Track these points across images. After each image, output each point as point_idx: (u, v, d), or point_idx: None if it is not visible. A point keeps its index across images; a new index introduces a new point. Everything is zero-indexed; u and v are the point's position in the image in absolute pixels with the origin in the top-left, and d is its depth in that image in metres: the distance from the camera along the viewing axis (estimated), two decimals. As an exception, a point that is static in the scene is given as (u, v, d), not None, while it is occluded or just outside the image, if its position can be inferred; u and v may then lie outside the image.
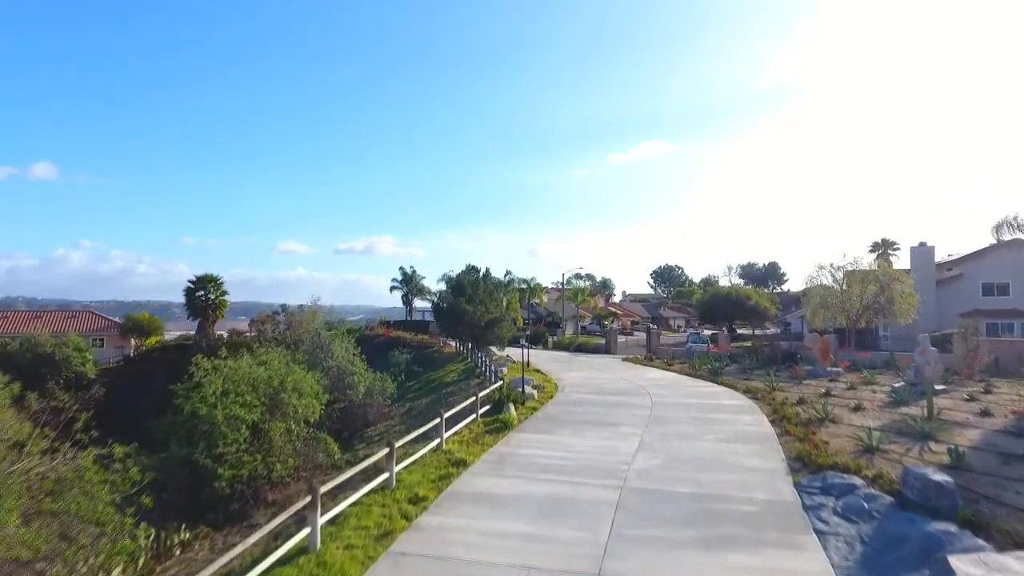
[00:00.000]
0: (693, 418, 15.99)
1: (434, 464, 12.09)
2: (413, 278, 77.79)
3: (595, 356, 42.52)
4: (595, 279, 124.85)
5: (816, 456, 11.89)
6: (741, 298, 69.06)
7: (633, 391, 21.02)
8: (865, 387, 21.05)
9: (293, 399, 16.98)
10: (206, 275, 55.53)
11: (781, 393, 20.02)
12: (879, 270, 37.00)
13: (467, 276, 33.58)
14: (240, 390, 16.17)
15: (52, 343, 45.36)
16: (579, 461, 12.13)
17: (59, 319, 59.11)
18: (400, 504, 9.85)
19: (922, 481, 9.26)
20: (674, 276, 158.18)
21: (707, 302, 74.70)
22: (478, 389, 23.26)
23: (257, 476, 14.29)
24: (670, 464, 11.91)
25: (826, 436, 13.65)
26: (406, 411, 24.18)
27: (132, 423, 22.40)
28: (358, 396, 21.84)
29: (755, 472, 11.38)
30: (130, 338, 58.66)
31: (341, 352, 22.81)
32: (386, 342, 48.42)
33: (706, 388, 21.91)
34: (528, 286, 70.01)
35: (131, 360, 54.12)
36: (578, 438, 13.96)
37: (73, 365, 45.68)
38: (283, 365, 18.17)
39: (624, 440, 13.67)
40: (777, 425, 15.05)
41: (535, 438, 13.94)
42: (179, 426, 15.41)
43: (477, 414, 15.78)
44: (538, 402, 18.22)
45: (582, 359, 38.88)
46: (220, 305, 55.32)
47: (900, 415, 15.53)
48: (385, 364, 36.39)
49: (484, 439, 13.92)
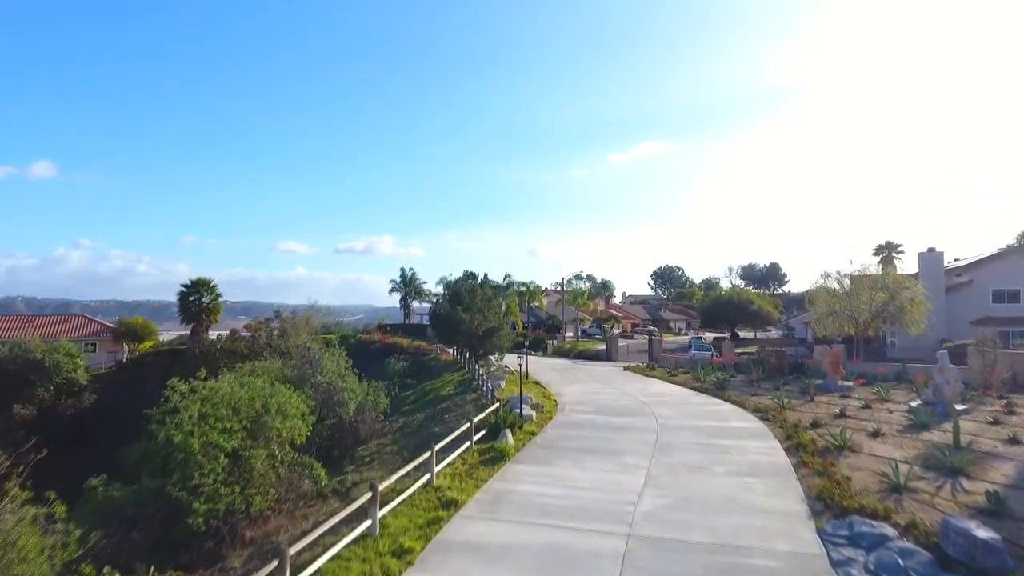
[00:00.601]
0: (702, 445, 14.99)
1: (423, 504, 11.11)
2: (412, 281, 76.86)
3: (596, 364, 41.53)
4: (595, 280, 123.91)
5: (839, 495, 10.91)
6: (744, 302, 68.17)
7: (637, 410, 20.02)
8: (880, 405, 20.06)
9: (277, 422, 16.02)
10: (200, 279, 54.62)
11: (793, 413, 19.04)
12: (888, 277, 35.99)
13: (464, 283, 32.61)
14: (220, 414, 15.18)
15: (43, 349, 44.55)
16: (580, 500, 11.15)
17: (52, 324, 58.19)
18: (383, 558, 8.88)
19: (965, 537, 8.28)
20: (674, 277, 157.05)
21: (709, 306, 73.79)
22: (474, 406, 22.32)
23: (235, 510, 13.31)
24: (680, 504, 10.93)
25: (847, 469, 12.68)
26: (400, 427, 23.19)
27: (124, 430, 21.43)
28: (348, 414, 20.84)
29: (774, 515, 10.40)
30: (123, 343, 57.78)
31: (331, 367, 21.80)
32: (382, 349, 47.46)
33: (713, 406, 20.91)
34: (528, 289, 68.98)
35: (124, 365, 53.24)
36: (579, 470, 12.97)
37: (64, 371, 44.88)
38: (267, 385, 17.20)
39: (629, 473, 12.68)
40: (792, 454, 14.06)
41: (533, 471, 12.95)
42: (153, 454, 14.41)
43: (472, 441, 14.79)
44: (537, 425, 17.22)
45: (583, 368, 37.88)
46: (214, 310, 54.39)
47: (923, 443, 14.55)
48: (381, 372, 35.44)
49: (478, 471, 12.94)
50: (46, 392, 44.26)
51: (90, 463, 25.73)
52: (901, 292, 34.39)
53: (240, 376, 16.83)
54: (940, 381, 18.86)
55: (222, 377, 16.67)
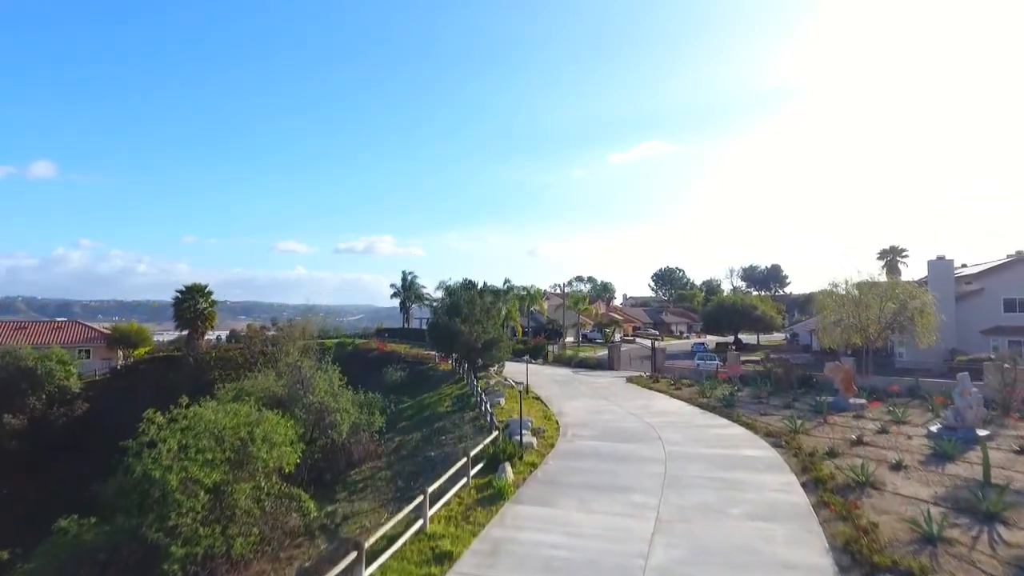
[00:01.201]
0: (714, 480, 14.08)
1: (415, 557, 10.22)
2: (412, 285, 76.07)
3: (598, 374, 40.61)
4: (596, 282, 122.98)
5: (867, 547, 10.01)
6: (747, 307, 67.32)
7: (643, 434, 19.09)
8: (896, 427, 19.20)
9: (263, 452, 15.14)
10: (195, 284, 53.85)
11: (807, 438, 18.15)
12: (899, 287, 35.04)
13: (463, 294, 31.69)
14: (202, 445, 14.32)
15: (34, 356, 43.74)
16: (587, 551, 10.25)
17: (44, 330, 57.40)
18: (368, 631, 8.00)
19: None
20: (675, 278, 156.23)
21: (713, 312, 72.93)
22: (472, 427, 21.45)
23: (215, 554, 12.43)
24: (695, 558, 10.03)
25: (871, 511, 11.79)
26: (395, 448, 22.31)
27: (119, 438, 20.39)
28: (341, 436, 19.96)
29: (798, 572, 9.51)
30: (117, 349, 56.93)
31: (323, 386, 20.92)
32: (380, 357, 46.70)
33: (722, 429, 20.00)
34: (528, 293, 68.13)
35: (118, 372, 52.44)
36: (584, 512, 12.07)
37: (56, 379, 44.09)
38: (253, 410, 16.32)
39: (638, 516, 11.78)
40: (811, 491, 13.16)
41: (534, 514, 12.04)
42: (130, 490, 13.52)
43: (468, 477, 13.89)
44: (538, 454, 16.30)
45: (584, 379, 36.96)
46: (209, 316, 53.61)
47: (950, 478, 13.67)
48: (379, 381, 34.60)
49: (475, 514, 12.04)
50: (38, 401, 43.46)
51: (84, 471, 24.85)
52: (911, 302, 33.48)
53: (224, 402, 15.92)
54: (961, 405, 17.96)
55: (204, 404, 15.78)
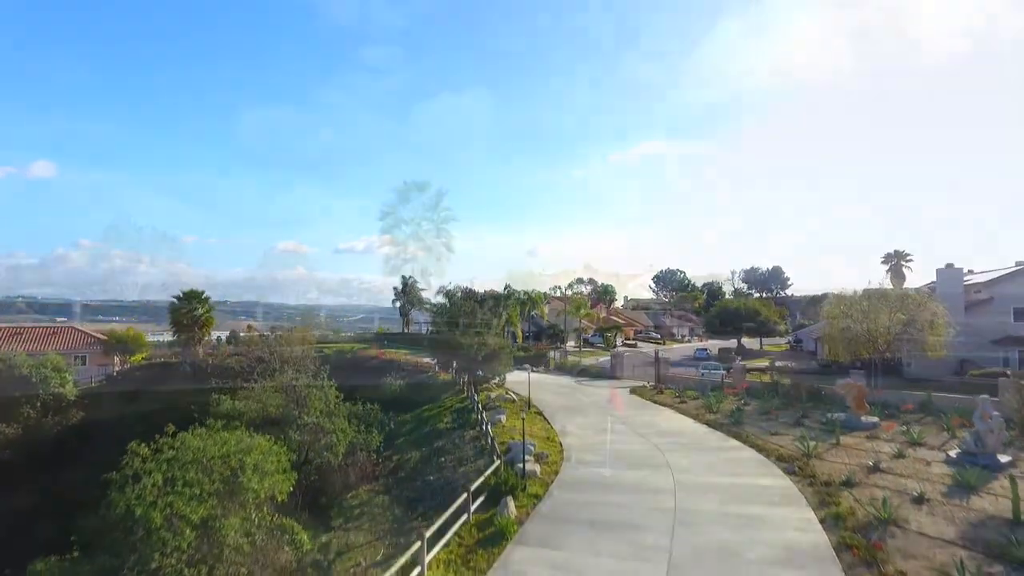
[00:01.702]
0: (728, 516, 13.37)
1: (411, 612, 9.55)
2: (412, 290, 75.48)
3: (600, 384, 39.90)
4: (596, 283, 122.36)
5: (896, 602, 9.35)
6: (751, 312, 66.72)
7: (649, 459, 18.36)
8: (912, 450, 18.53)
9: (254, 482, 14.48)
10: (192, 290, 53.25)
11: (821, 463, 17.46)
12: (908, 298, 34.35)
13: (464, 304, 31.03)
14: (189, 477, 13.66)
15: (28, 363, 43.13)
16: (595, 605, 9.57)
17: (40, 336, 56.71)
18: None
19: None
20: (676, 280, 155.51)
21: (716, 316, 72.41)
22: (472, 448, 20.77)
23: (200, 598, 11.77)
24: (711, 613, 9.34)
25: (896, 554, 11.11)
26: (393, 468, 21.65)
27: (115, 448, 19.75)
28: (337, 458, 19.29)
29: (823, 633, 8.82)
30: (113, 355, 56.29)
31: (319, 406, 20.24)
32: (380, 364, 46.00)
33: (733, 452, 19.29)
34: (528, 298, 67.58)
35: (114, 379, 51.80)
36: (591, 555, 11.36)
37: (51, 386, 43.45)
38: (243, 437, 15.65)
39: (649, 560, 11.04)
40: (831, 529, 12.47)
41: (538, 557, 11.33)
42: (113, 526, 12.87)
43: (469, 514, 13.20)
44: (541, 483, 15.60)
45: (587, 391, 36.24)
46: (207, 322, 52.96)
47: (975, 513, 12.99)
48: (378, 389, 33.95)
49: (476, 558, 11.34)
50: (32, 409, 42.80)
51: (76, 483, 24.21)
52: (921, 312, 32.80)
53: (213, 431, 15.24)
54: (982, 429, 17.26)
55: (194, 431, 15.11)
